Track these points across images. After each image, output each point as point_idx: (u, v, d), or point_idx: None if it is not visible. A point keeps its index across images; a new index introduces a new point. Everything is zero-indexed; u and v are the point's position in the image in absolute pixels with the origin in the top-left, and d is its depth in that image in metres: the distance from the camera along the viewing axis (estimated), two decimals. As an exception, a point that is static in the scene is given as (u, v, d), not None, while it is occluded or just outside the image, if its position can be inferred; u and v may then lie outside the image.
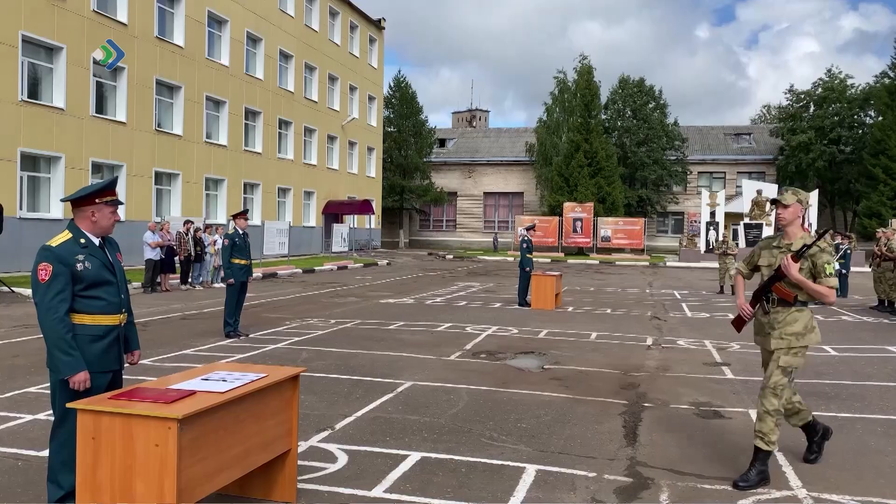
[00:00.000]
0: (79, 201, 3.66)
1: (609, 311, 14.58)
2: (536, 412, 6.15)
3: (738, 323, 4.92)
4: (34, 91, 20.32)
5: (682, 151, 48.70)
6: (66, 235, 3.61)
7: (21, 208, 19.47)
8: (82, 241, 3.61)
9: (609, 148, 44.05)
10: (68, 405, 3.18)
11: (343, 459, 4.79)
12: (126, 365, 3.88)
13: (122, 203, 3.83)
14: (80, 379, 3.45)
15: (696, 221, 42.98)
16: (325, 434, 5.34)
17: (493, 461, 4.83)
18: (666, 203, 49.10)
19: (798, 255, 4.46)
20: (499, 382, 7.33)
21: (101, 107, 22.56)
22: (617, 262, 36.07)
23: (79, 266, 3.53)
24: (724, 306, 15.84)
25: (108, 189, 3.70)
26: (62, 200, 3.88)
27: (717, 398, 6.90)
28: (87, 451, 3.08)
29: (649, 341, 10.44)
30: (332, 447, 5.03)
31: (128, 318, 3.80)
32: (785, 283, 4.51)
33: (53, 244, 3.56)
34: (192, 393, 3.31)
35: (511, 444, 5.23)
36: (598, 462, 4.88)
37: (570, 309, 14.66)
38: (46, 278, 3.46)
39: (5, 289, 14.84)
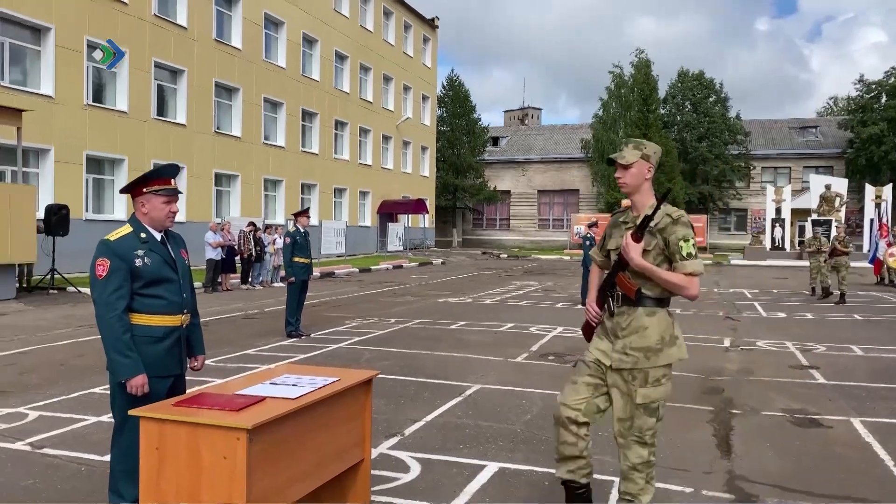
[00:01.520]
0: (130, 192, 3.44)
1: (678, 310, 13.95)
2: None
3: (586, 330, 3.58)
4: (98, 95, 20.74)
5: (744, 146, 47.16)
6: (126, 230, 3.39)
7: (87, 210, 19.89)
8: (142, 235, 3.37)
9: (668, 143, 42.89)
10: (130, 412, 2.95)
11: (416, 469, 4.49)
12: (188, 370, 3.63)
13: (178, 192, 3.50)
14: (138, 383, 3.22)
15: (760, 218, 41.55)
16: (394, 440, 5.06)
17: (576, 473, 4.45)
18: (728, 199, 47.61)
19: (639, 231, 3.17)
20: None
21: (162, 109, 22.93)
22: (678, 261, 35.05)
23: (137, 262, 3.29)
24: (799, 306, 15.05)
25: (157, 177, 3.41)
26: (121, 192, 3.58)
27: (812, 404, 6.36)
28: (150, 462, 2.84)
29: (727, 343, 9.88)
30: (403, 455, 4.74)
31: (192, 320, 3.55)
32: (630, 271, 3.25)
33: (112, 238, 3.33)
34: (262, 399, 3.04)
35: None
36: (693, 476, 4.46)
37: (637, 308, 14.10)
38: (104, 274, 3.24)
39: (72, 289, 15.10)
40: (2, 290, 13.47)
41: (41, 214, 15.46)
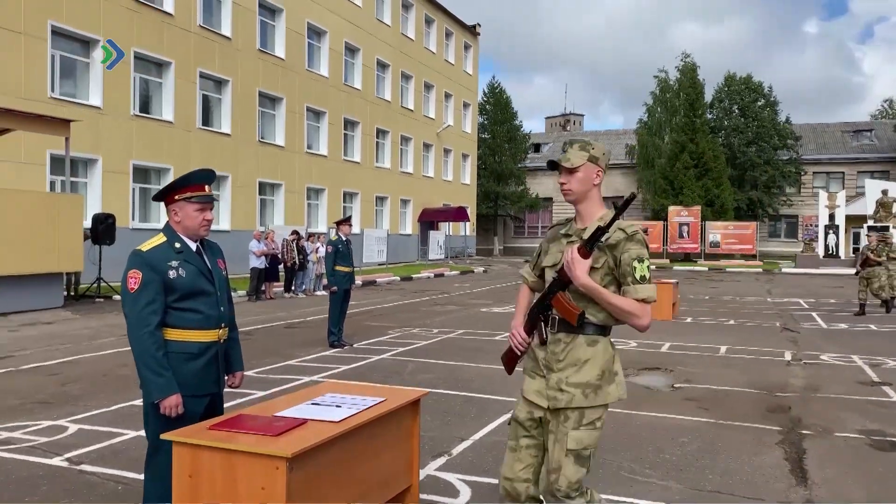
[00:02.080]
0: (162, 199, 3.24)
1: (732, 321, 13.43)
2: (678, 440, 5.38)
3: (509, 358, 3.01)
4: (145, 105, 21.03)
5: (794, 150, 45.85)
6: (159, 239, 3.18)
7: (133, 219, 20.14)
8: (177, 245, 3.16)
9: (716, 148, 41.93)
10: (162, 436, 2.74)
11: (466, 493, 4.20)
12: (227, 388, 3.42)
13: (212, 199, 3.26)
14: (172, 404, 3.00)
15: (812, 225, 40.23)
16: (442, 461, 4.78)
17: (640, 501, 4.12)
18: (778, 206, 46.31)
19: (588, 245, 2.70)
20: (629, 405, 6.53)
21: (207, 119, 23.17)
22: (727, 269, 34.13)
23: (171, 273, 3.09)
24: (861, 317, 14.34)
25: (189, 183, 3.19)
26: (153, 199, 3.34)
27: (891, 425, 5.90)
28: (182, 490, 2.63)
29: (788, 356, 9.37)
30: (451, 477, 4.46)
31: (230, 334, 3.32)
32: (571, 291, 2.75)
33: (144, 249, 3.13)
34: (303, 422, 2.81)
35: (658, 479, 4.50)
36: (768, 506, 4.09)
37: (689, 319, 13.61)
38: (135, 287, 3.04)
39: (118, 297, 15.21)
40: (50, 299, 13.62)
41: (88, 223, 15.66)
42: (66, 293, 14.86)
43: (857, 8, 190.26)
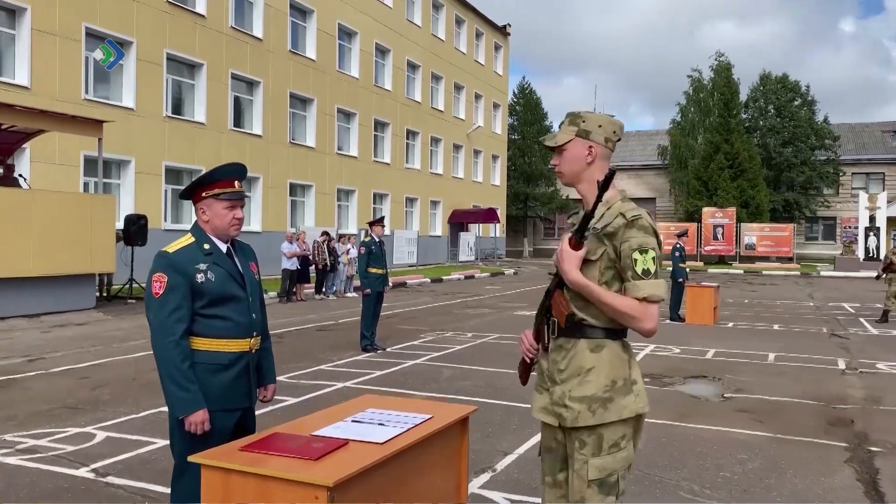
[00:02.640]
0: (189, 197, 2.97)
1: (776, 326, 12.95)
2: (737, 456, 5.02)
3: (521, 368, 2.65)
4: (178, 107, 21.07)
5: (833, 151, 44.68)
6: (187, 240, 2.91)
7: (165, 220, 20.17)
8: (206, 246, 2.89)
9: (751, 148, 41.00)
10: (190, 458, 2.48)
11: (513, 514, 3.92)
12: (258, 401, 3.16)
13: (243, 195, 2.97)
14: (198, 420, 2.75)
15: (851, 227, 39.17)
16: (486, 478, 4.49)
17: (703, 526, 3.80)
18: (815, 207, 45.16)
19: (579, 236, 2.31)
20: (676, 414, 6.22)
21: (238, 121, 23.16)
22: (764, 272, 33.34)
23: (199, 277, 2.81)
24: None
25: (216, 180, 2.90)
26: (180, 197, 3.07)
27: (966, 443, 5.48)
28: (213, 518, 2.37)
29: (842, 364, 8.92)
30: (497, 496, 4.17)
31: (262, 344, 3.05)
32: (567, 290, 2.37)
33: (171, 250, 2.87)
34: (344, 443, 2.54)
35: (719, 499, 4.17)
36: (846, 534, 3.74)
37: (731, 324, 13.15)
38: (160, 292, 2.78)
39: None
40: (82, 300, 13.60)
41: (121, 225, 15.65)
42: (98, 294, 14.85)
43: (894, 6, 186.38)
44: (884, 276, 14.05)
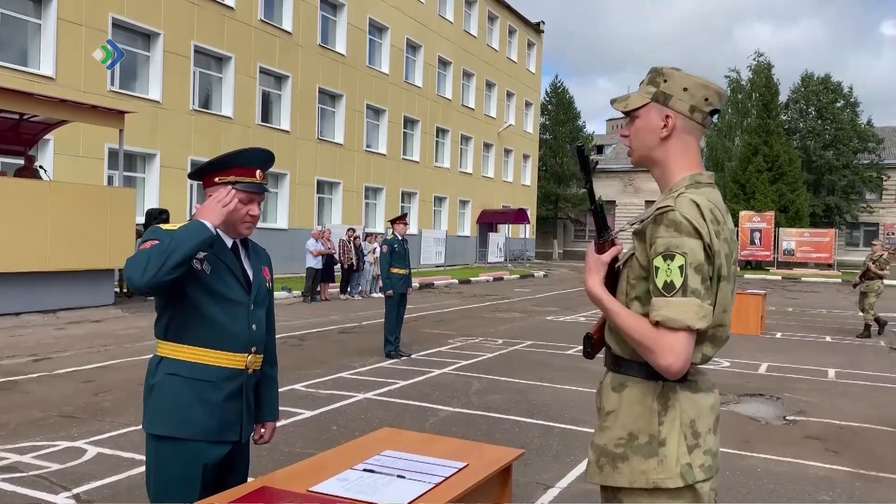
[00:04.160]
0: (199, 179, 2.39)
1: (828, 338, 12.10)
2: (817, 497, 4.32)
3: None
4: (205, 100, 20.71)
5: (877, 154, 43.16)
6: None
7: (190, 215, 19.79)
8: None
9: (791, 151, 39.67)
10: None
11: (560, 571, 3.27)
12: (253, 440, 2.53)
13: (263, 189, 2.39)
14: (220, 197, 2.25)
15: (894, 233, 37.75)
16: (525, 519, 3.86)
17: None
18: (857, 212, 43.65)
19: (599, 234, 1.90)
20: (737, 440, 5.51)
21: (266, 115, 22.76)
22: (803, 279, 32.14)
23: (194, 263, 2.22)
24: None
25: (234, 165, 2.32)
26: (189, 177, 2.43)
27: None
28: None
29: (912, 384, 8.11)
30: (539, 545, 3.53)
31: (265, 368, 2.45)
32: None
33: (167, 228, 2.27)
34: (351, 507, 1.93)
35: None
36: None
37: (778, 335, 12.32)
38: (148, 246, 2.15)
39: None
40: (101, 296, 13.22)
41: (142, 219, 15.26)
42: (117, 290, 14.46)
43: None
44: (861, 283, 12.63)
